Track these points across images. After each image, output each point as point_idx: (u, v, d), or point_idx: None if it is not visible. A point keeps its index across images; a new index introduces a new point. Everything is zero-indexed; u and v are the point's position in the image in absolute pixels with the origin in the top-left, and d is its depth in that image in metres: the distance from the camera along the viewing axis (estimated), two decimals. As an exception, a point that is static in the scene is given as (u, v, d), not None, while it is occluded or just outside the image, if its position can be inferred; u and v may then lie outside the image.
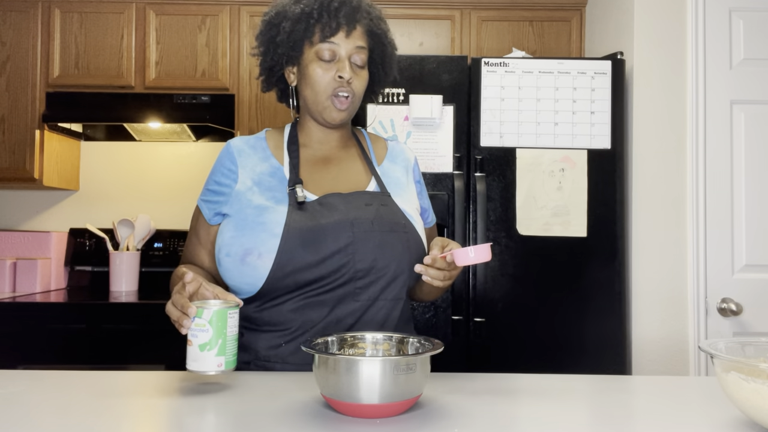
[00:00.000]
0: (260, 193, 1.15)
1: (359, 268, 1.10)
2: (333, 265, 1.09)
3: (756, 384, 0.74)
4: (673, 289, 2.12)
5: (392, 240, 1.12)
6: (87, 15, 2.63)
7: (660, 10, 2.17)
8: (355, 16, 1.18)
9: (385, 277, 1.12)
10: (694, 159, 2.12)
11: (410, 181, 1.28)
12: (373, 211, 1.14)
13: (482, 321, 2.04)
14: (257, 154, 1.21)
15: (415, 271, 1.08)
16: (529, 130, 2.10)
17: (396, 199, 1.20)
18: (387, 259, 1.12)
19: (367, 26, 1.21)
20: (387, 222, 1.14)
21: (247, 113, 2.63)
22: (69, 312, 2.23)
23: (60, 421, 0.79)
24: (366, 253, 1.10)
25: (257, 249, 1.08)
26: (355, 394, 0.79)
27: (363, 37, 1.20)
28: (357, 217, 1.12)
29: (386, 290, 1.13)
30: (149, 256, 2.76)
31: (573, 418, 0.83)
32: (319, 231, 1.09)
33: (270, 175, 1.18)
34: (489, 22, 2.68)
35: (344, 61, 1.17)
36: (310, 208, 1.12)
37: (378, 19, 1.24)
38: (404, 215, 1.17)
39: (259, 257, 1.08)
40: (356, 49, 1.18)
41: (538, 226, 2.07)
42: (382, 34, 1.24)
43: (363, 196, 1.17)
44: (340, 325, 1.11)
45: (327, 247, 1.09)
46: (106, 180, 2.94)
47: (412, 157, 1.32)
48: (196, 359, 0.93)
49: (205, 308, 0.93)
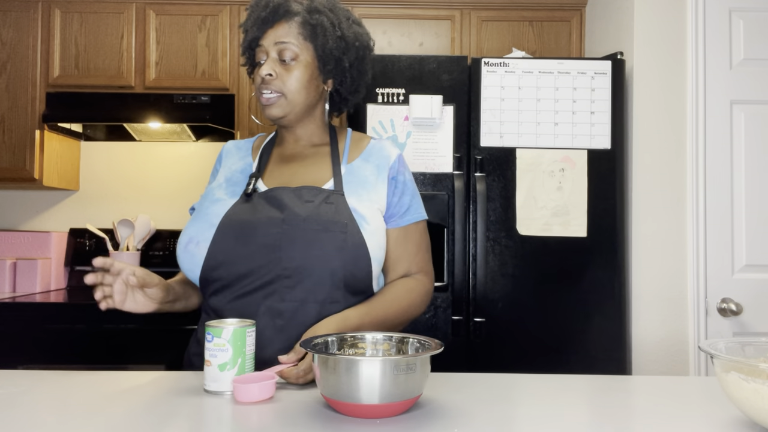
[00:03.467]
0: (225, 188, 1.21)
1: (286, 266, 1.08)
2: (261, 259, 1.09)
3: (756, 384, 0.74)
4: (673, 289, 2.12)
5: (324, 239, 1.08)
6: (87, 15, 2.63)
7: (660, 11, 2.17)
8: (278, 13, 1.18)
9: (312, 277, 1.08)
10: (694, 159, 2.12)
11: (381, 179, 1.20)
12: (312, 208, 1.11)
13: (482, 321, 2.04)
14: (240, 153, 1.28)
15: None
16: (529, 130, 2.10)
17: (351, 197, 1.15)
18: (314, 259, 1.08)
19: (301, 19, 1.19)
20: (323, 221, 1.09)
21: (247, 113, 2.63)
22: (69, 312, 2.23)
23: (60, 421, 0.79)
24: (294, 251, 1.08)
25: (197, 237, 1.12)
26: (355, 394, 0.79)
27: (291, 32, 1.18)
28: (290, 213, 1.10)
29: (315, 291, 1.09)
30: (149, 256, 2.76)
31: (573, 418, 0.83)
32: (250, 224, 1.11)
33: (241, 172, 1.24)
34: (489, 22, 2.68)
35: (268, 59, 1.17)
36: (255, 201, 1.15)
37: (314, 10, 1.19)
38: (351, 215, 1.12)
39: (197, 245, 1.12)
40: (277, 45, 1.17)
41: (538, 226, 2.07)
42: (317, 25, 1.18)
43: (309, 192, 1.14)
44: (273, 323, 1.08)
45: (255, 241, 1.10)
46: (106, 180, 2.94)
47: (394, 154, 1.24)
48: (216, 379, 0.93)
49: (224, 328, 0.93)
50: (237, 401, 0.88)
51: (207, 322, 0.96)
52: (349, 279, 1.10)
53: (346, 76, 1.26)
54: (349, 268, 1.09)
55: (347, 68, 1.24)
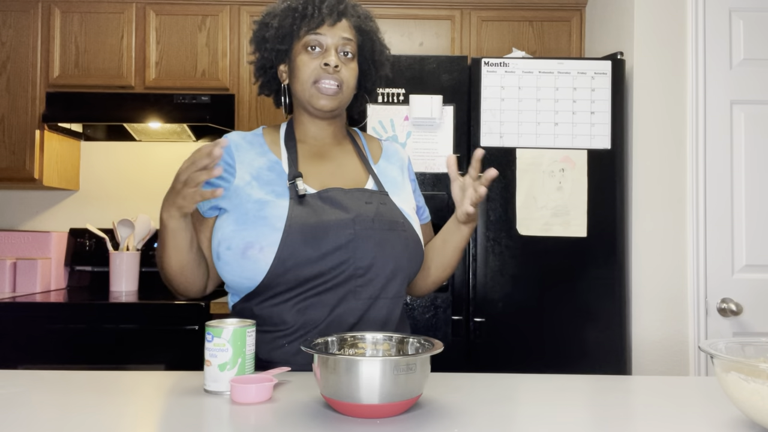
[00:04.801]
0: (259, 187, 1.15)
1: (359, 266, 1.11)
2: (333, 261, 1.09)
3: (756, 384, 0.74)
4: (673, 289, 2.12)
5: (392, 238, 1.14)
6: (87, 15, 2.63)
7: (660, 11, 2.17)
8: (339, 9, 1.20)
9: (384, 275, 1.13)
10: (694, 159, 2.12)
11: (406, 180, 1.29)
12: (374, 208, 1.15)
13: (482, 321, 2.04)
14: (254, 149, 1.21)
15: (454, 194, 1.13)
16: (529, 130, 2.10)
17: (393, 197, 1.21)
18: (386, 257, 1.13)
19: (355, 22, 1.22)
20: (387, 220, 1.15)
21: (247, 113, 2.63)
22: (69, 312, 2.23)
23: (60, 421, 0.79)
24: (366, 251, 1.11)
25: (259, 242, 1.08)
26: (355, 394, 0.79)
27: (350, 31, 1.21)
28: (359, 214, 1.13)
29: (386, 288, 1.14)
30: (149, 256, 2.76)
31: (573, 418, 0.83)
32: (321, 227, 1.09)
33: (268, 169, 1.18)
34: (489, 22, 2.68)
35: (330, 50, 1.18)
36: (312, 202, 1.12)
37: (366, 17, 1.25)
38: (402, 214, 1.18)
39: (261, 251, 1.07)
40: (343, 40, 1.19)
41: (538, 226, 2.07)
42: (370, 31, 1.24)
43: (363, 194, 1.17)
44: (342, 325, 1.11)
45: (328, 243, 1.09)
46: (106, 180, 2.94)
47: (406, 157, 1.34)
48: (216, 380, 0.93)
49: (224, 328, 0.93)
50: (234, 402, 0.88)
51: (207, 323, 0.96)
52: (411, 275, 1.19)
53: (372, 75, 1.29)
54: (412, 264, 1.17)
55: (375, 68, 1.28)
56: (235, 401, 0.88)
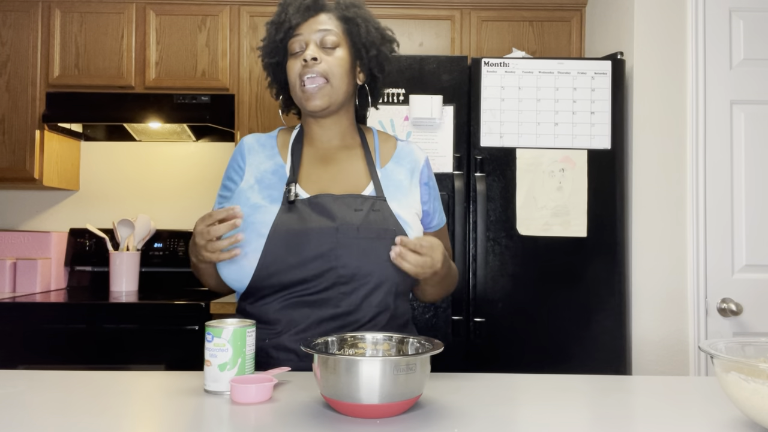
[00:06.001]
0: (259, 191, 1.17)
1: (342, 274, 1.11)
2: (315, 269, 1.10)
3: (756, 384, 0.74)
4: (673, 289, 2.12)
5: (378, 247, 1.12)
6: (87, 15, 2.63)
7: (660, 11, 2.17)
8: (311, 5, 1.20)
9: (368, 284, 1.12)
10: (694, 159, 2.12)
11: (414, 184, 1.25)
12: (362, 216, 1.14)
13: (482, 321, 2.04)
14: (265, 152, 1.23)
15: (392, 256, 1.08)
16: (529, 130, 2.10)
17: (392, 203, 1.19)
18: (371, 267, 1.12)
19: (336, 13, 1.22)
20: (374, 229, 1.13)
21: (247, 113, 2.63)
22: (69, 312, 2.23)
23: (60, 421, 0.79)
24: (349, 260, 1.11)
25: (244, 248, 1.11)
26: (355, 394, 0.79)
27: (330, 22, 1.20)
28: (343, 222, 1.12)
29: (370, 298, 1.13)
30: (149, 256, 2.76)
31: (573, 418, 0.83)
32: (303, 234, 1.10)
33: (272, 173, 1.20)
34: (489, 22, 2.68)
35: (310, 45, 1.18)
36: (300, 208, 1.13)
37: (348, 5, 1.23)
38: (397, 221, 1.16)
39: (245, 257, 1.11)
40: (320, 32, 1.19)
41: (538, 226, 2.07)
42: (355, 17, 1.22)
43: (355, 200, 1.16)
44: (322, 328, 1.11)
45: (309, 251, 1.10)
46: (106, 180, 2.94)
47: (422, 158, 1.29)
48: (216, 379, 0.93)
49: (224, 328, 0.94)
50: (234, 402, 0.88)
51: (207, 323, 0.96)
52: (399, 284, 1.16)
53: (366, 57, 1.23)
54: (400, 273, 1.13)
55: (366, 48, 1.23)
56: (235, 401, 0.88)
